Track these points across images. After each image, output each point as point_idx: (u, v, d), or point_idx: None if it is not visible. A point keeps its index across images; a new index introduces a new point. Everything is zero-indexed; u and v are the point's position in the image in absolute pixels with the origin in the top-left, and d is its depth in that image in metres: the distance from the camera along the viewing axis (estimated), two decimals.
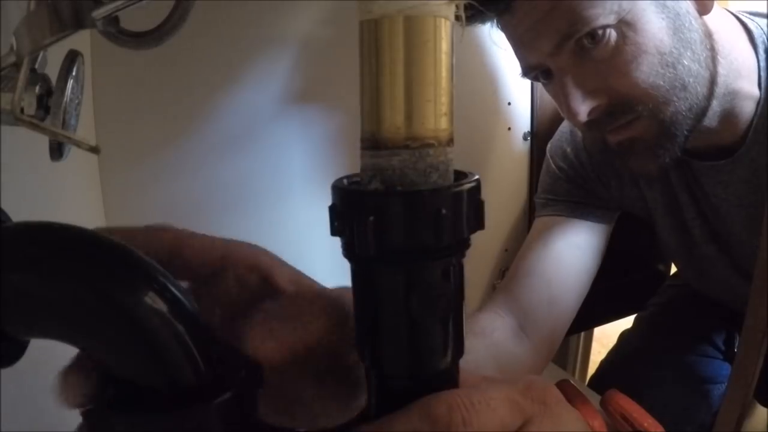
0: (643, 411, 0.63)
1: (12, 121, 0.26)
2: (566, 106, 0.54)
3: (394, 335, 0.20)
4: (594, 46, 0.50)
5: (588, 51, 0.50)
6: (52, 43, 0.24)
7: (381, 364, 0.20)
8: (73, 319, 0.19)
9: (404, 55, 0.18)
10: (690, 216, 0.67)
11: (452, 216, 0.19)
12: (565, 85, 0.53)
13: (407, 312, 0.19)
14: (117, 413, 0.19)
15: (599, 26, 0.48)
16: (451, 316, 0.20)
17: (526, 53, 0.55)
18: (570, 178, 0.72)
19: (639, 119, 0.53)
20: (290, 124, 0.70)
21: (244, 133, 0.68)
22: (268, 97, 0.68)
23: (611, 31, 0.49)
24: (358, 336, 0.21)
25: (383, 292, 0.19)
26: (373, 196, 0.19)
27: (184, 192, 0.66)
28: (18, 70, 0.25)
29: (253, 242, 0.29)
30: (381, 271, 0.19)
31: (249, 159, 0.68)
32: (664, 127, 0.53)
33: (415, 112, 0.18)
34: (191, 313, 0.20)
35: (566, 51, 0.51)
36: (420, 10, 0.18)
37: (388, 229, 0.18)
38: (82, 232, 0.20)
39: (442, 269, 0.19)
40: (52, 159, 0.30)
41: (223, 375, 0.21)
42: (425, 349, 0.20)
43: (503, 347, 0.61)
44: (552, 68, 0.54)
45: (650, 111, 0.52)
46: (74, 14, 0.24)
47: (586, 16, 0.48)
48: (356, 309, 0.21)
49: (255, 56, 0.67)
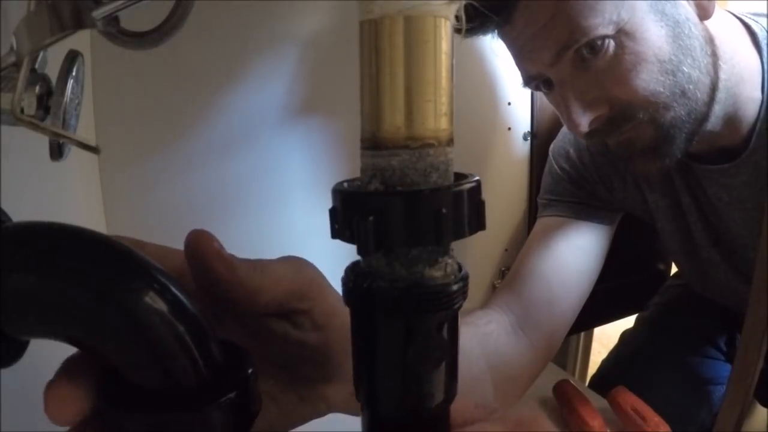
0: (649, 409, 0.63)
1: (12, 121, 0.26)
2: (567, 117, 0.54)
3: (390, 379, 0.21)
4: (593, 56, 0.50)
5: (587, 61, 0.51)
6: (52, 43, 0.24)
7: (375, 403, 0.21)
8: (73, 319, 0.19)
9: (404, 55, 0.18)
10: (692, 219, 0.67)
11: (453, 216, 0.19)
12: (567, 98, 0.53)
13: (404, 360, 0.20)
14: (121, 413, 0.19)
15: (598, 36, 0.49)
16: (444, 364, 0.21)
17: (526, 64, 0.56)
18: (572, 180, 0.72)
19: (639, 124, 0.53)
20: (291, 125, 0.70)
21: (244, 133, 0.68)
22: (269, 98, 0.68)
23: (610, 41, 0.49)
24: (356, 376, 0.22)
25: (382, 341, 0.20)
26: (373, 196, 0.19)
27: (184, 192, 0.66)
28: (18, 70, 0.25)
29: (254, 243, 0.31)
30: (381, 321, 0.20)
31: (249, 160, 0.68)
32: (663, 131, 0.53)
33: (415, 112, 0.18)
34: (191, 313, 0.20)
35: (565, 61, 0.51)
36: (420, 10, 0.18)
37: (388, 229, 0.18)
38: (82, 232, 0.20)
39: (438, 322, 0.20)
40: (52, 159, 0.30)
41: (226, 374, 0.21)
42: (419, 392, 0.21)
43: (496, 340, 0.61)
44: (552, 79, 0.54)
45: (650, 116, 0.52)
46: (74, 14, 0.24)
47: (585, 26, 0.48)
48: (355, 351, 0.22)
49: (256, 57, 0.67)
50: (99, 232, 0.21)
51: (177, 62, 0.63)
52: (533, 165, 0.89)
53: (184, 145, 0.65)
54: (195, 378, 0.20)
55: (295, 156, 0.71)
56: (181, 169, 0.66)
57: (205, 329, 0.21)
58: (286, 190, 0.71)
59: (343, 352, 0.31)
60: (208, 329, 0.21)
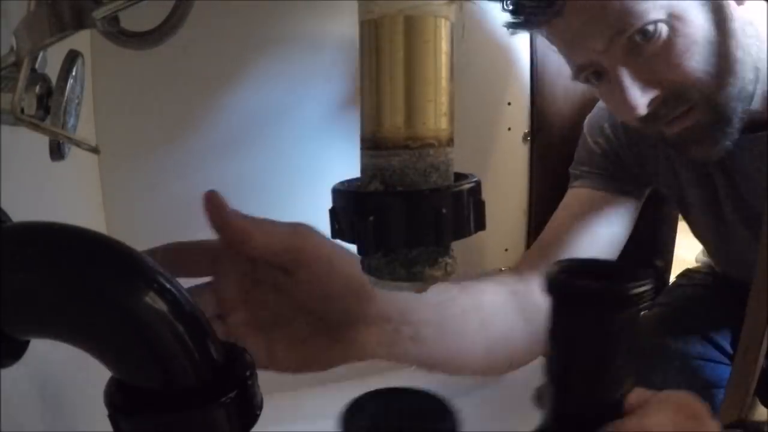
0: None
1: (12, 121, 0.26)
2: (623, 100, 0.55)
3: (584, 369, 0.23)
4: (646, 41, 0.51)
5: (640, 47, 0.51)
6: (52, 43, 0.24)
7: (566, 396, 0.23)
8: (73, 319, 0.19)
9: (404, 55, 0.18)
10: (722, 194, 0.68)
11: (453, 216, 0.19)
12: (621, 79, 0.54)
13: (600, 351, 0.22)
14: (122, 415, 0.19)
15: (650, 21, 0.50)
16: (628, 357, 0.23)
17: (576, 53, 0.56)
18: (606, 153, 0.73)
19: (694, 108, 0.54)
20: (291, 125, 0.70)
21: (244, 133, 0.68)
22: (269, 97, 0.68)
23: (662, 26, 0.50)
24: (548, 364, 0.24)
25: (580, 332, 0.23)
26: (373, 196, 0.19)
27: (184, 192, 0.65)
28: (18, 70, 0.25)
29: None
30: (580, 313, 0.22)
31: (249, 159, 0.68)
32: (719, 111, 0.54)
33: (416, 112, 0.18)
34: (191, 313, 0.20)
35: (618, 47, 0.52)
36: (420, 10, 0.18)
37: (388, 229, 0.18)
38: (82, 232, 0.20)
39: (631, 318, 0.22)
40: (52, 159, 0.30)
41: (226, 374, 0.21)
42: (606, 382, 0.23)
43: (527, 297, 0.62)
44: (605, 65, 0.55)
45: (705, 98, 0.53)
46: (74, 14, 0.24)
47: (637, 11, 0.49)
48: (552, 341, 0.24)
49: (256, 57, 0.67)
50: (99, 232, 0.21)
51: (177, 62, 0.63)
52: (533, 165, 0.89)
53: (184, 144, 0.65)
54: (195, 378, 0.20)
55: (295, 156, 0.71)
56: (181, 168, 0.66)
57: (205, 329, 0.21)
58: (286, 188, 0.71)
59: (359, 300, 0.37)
60: (208, 329, 0.21)
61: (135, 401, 0.19)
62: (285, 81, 0.69)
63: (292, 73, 0.69)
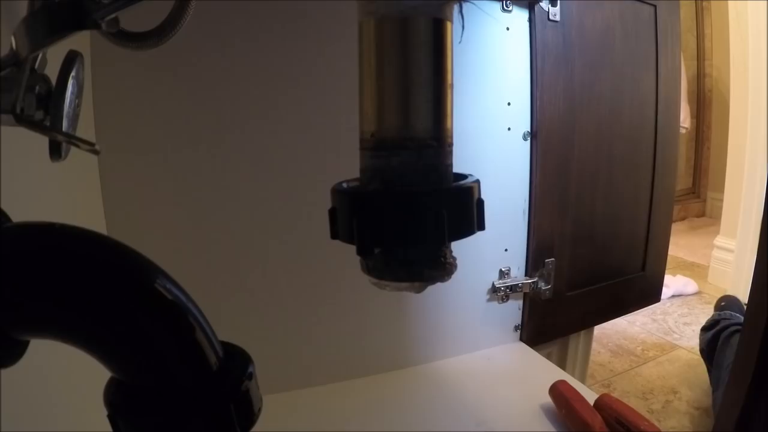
0: (638, 413, 0.63)
1: (12, 121, 0.26)
2: None
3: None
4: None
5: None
6: (52, 43, 0.24)
7: None
8: (74, 319, 0.19)
9: (404, 55, 0.18)
10: None
11: (452, 216, 0.19)
12: None
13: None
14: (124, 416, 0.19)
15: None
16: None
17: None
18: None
19: None
20: (291, 125, 0.70)
21: (244, 132, 0.68)
22: (269, 96, 0.68)
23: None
24: None
25: None
26: (373, 196, 0.19)
27: (183, 192, 0.66)
28: (18, 70, 0.25)
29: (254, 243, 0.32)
30: None
31: (249, 159, 0.68)
32: None
33: (415, 113, 0.18)
34: (191, 312, 0.20)
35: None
36: (420, 10, 0.18)
37: (387, 229, 0.18)
38: (82, 232, 0.20)
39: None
40: (52, 159, 0.30)
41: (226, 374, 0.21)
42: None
43: None
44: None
45: None
46: (74, 14, 0.24)
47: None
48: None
49: (256, 57, 0.67)
50: (99, 233, 0.21)
51: (177, 62, 0.63)
52: (533, 165, 0.89)
53: (184, 145, 0.65)
54: (195, 378, 0.20)
55: (295, 156, 0.71)
56: (181, 168, 0.66)
57: (205, 329, 0.21)
58: (286, 189, 0.71)
59: None
60: (208, 329, 0.21)
61: (135, 401, 0.19)
62: (285, 81, 0.69)
63: (292, 73, 0.69)
